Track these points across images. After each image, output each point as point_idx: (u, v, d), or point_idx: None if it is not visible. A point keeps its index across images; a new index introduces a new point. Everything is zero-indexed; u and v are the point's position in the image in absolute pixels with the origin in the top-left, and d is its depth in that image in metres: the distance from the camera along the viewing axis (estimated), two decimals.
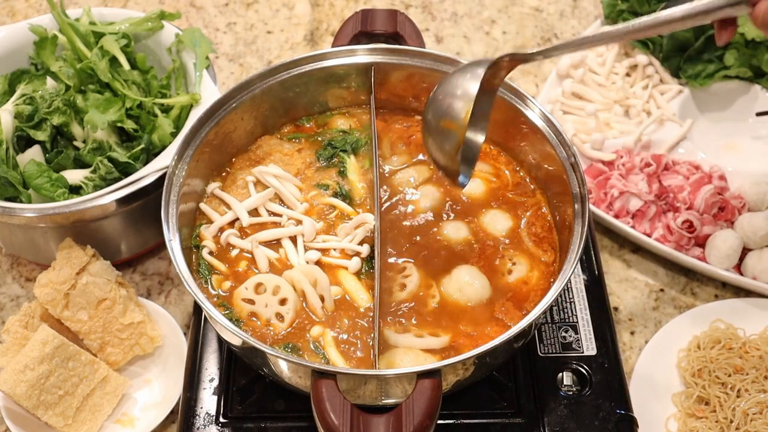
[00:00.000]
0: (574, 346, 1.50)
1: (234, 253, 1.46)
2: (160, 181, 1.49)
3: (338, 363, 1.32)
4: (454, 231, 1.50)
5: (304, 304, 1.39)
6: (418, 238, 1.48)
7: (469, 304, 1.40)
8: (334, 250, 1.46)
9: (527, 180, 1.58)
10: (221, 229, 1.48)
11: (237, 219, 1.50)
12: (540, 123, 1.49)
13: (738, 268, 1.75)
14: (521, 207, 1.54)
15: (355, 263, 1.43)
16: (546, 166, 1.52)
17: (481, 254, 1.47)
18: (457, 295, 1.40)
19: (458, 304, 1.40)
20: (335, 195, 1.54)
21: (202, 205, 1.51)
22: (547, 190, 1.55)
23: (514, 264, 1.45)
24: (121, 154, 1.63)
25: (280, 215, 1.51)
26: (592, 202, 1.80)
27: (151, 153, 1.67)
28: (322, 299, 1.39)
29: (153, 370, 1.61)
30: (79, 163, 1.66)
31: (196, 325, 1.53)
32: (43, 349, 1.46)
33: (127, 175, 1.61)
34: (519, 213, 1.53)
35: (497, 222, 1.52)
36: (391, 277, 1.43)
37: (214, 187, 1.53)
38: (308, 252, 1.45)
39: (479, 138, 1.40)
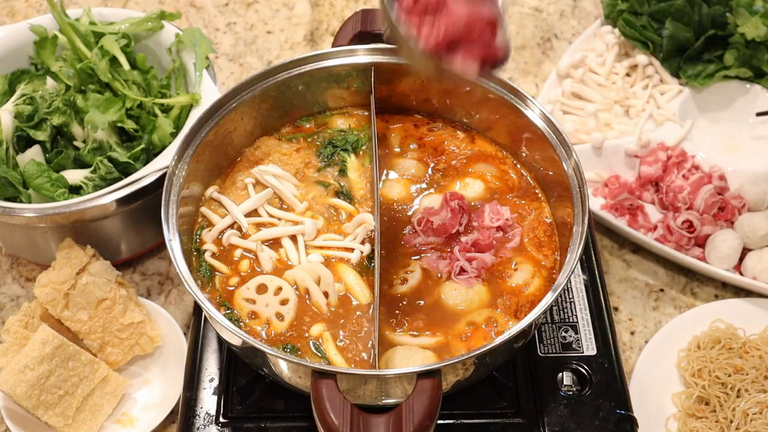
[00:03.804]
0: (574, 346, 1.50)
1: (237, 253, 1.46)
2: (160, 181, 1.49)
3: (338, 363, 1.32)
4: None
5: (308, 302, 1.39)
6: (420, 237, 1.49)
7: (468, 306, 1.40)
8: (335, 249, 1.47)
9: (530, 182, 1.58)
10: (221, 232, 1.48)
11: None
12: (540, 123, 1.49)
13: (738, 268, 1.75)
14: (523, 210, 1.53)
15: (356, 255, 1.44)
16: (547, 166, 1.52)
17: None
18: (456, 299, 1.40)
19: (457, 305, 1.40)
20: (336, 194, 1.54)
21: (203, 209, 1.51)
22: (548, 191, 1.55)
23: (515, 269, 1.45)
24: (121, 154, 1.63)
25: (279, 219, 1.51)
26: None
27: (151, 153, 1.67)
28: (326, 295, 1.39)
29: (153, 370, 1.61)
30: (79, 163, 1.66)
31: (196, 325, 1.53)
32: (43, 349, 1.46)
33: (127, 175, 1.61)
34: (521, 215, 1.52)
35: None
36: (394, 271, 1.43)
37: (212, 190, 1.53)
38: (310, 254, 1.45)
39: None
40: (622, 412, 1.42)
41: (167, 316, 1.63)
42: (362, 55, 1.60)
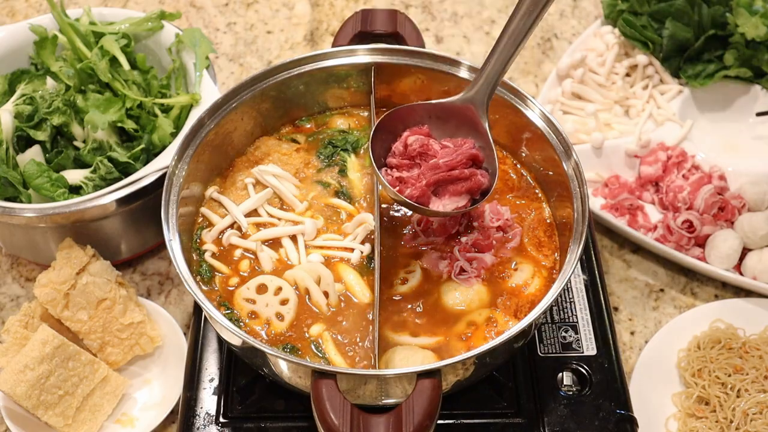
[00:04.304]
0: (574, 346, 1.50)
1: (237, 253, 1.46)
2: (160, 181, 1.49)
3: (338, 363, 1.32)
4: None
5: (308, 302, 1.39)
6: (421, 238, 1.49)
7: (468, 306, 1.40)
8: (335, 249, 1.47)
9: (530, 182, 1.58)
10: (221, 232, 1.48)
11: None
12: (540, 123, 1.49)
13: (738, 268, 1.75)
14: (523, 210, 1.53)
15: (356, 255, 1.44)
16: (547, 166, 1.52)
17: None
18: (456, 299, 1.40)
19: (457, 305, 1.40)
20: (336, 194, 1.54)
21: (203, 209, 1.51)
22: (548, 191, 1.55)
23: (515, 269, 1.45)
24: (121, 154, 1.63)
25: (279, 219, 1.51)
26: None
27: (151, 153, 1.67)
28: (326, 295, 1.39)
29: (153, 370, 1.61)
30: (79, 163, 1.66)
31: (196, 325, 1.53)
32: (43, 349, 1.46)
33: (127, 175, 1.61)
34: (521, 216, 1.53)
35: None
36: (394, 271, 1.43)
37: (212, 191, 1.53)
38: (310, 254, 1.45)
39: None
40: (622, 412, 1.42)
41: (167, 316, 1.63)
42: (362, 55, 1.60)
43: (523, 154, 1.59)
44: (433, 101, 1.44)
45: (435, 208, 1.37)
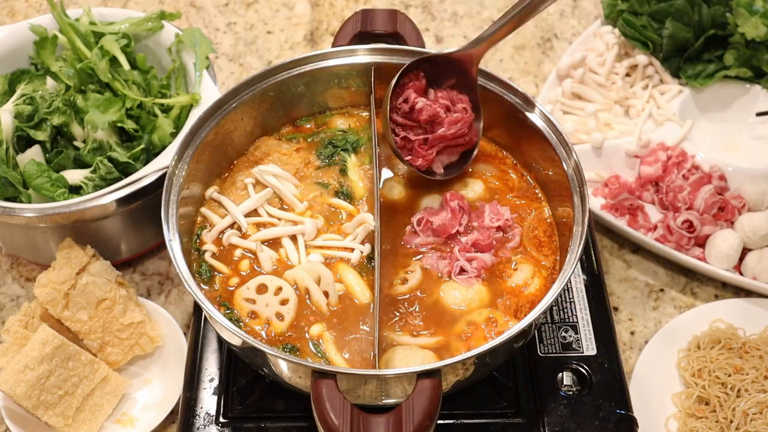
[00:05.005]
0: (574, 346, 1.50)
1: (237, 253, 1.46)
2: (160, 181, 1.49)
3: (338, 363, 1.32)
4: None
5: (308, 302, 1.39)
6: (420, 238, 1.49)
7: (468, 306, 1.40)
8: (335, 249, 1.47)
9: (530, 181, 1.58)
10: (221, 232, 1.48)
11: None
12: (540, 123, 1.49)
13: (738, 268, 1.75)
14: (522, 210, 1.53)
15: (356, 255, 1.44)
16: (547, 166, 1.52)
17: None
18: (456, 299, 1.40)
19: (457, 305, 1.40)
20: (336, 194, 1.54)
21: (203, 210, 1.51)
22: (548, 191, 1.55)
23: (515, 269, 1.45)
24: (121, 154, 1.63)
25: (279, 219, 1.51)
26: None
27: (151, 153, 1.67)
28: (326, 295, 1.39)
29: (153, 370, 1.61)
30: (79, 163, 1.66)
31: (196, 325, 1.53)
32: (43, 349, 1.46)
33: (127, 175, 1.61)
34: (521, 216, 1.53)
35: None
36: (394, 271, 1.43)
37: (212, 191, 1.53)
38: (310, 254, 1.45)
39: None
40: (622, 412, 1.42)
41: (167, 316, 1.63)
42: (362, 55, 1.60)
43: (523, 155, 1.59)
44: (437, 52, 1.55)
45: (434, 168, 1.53)
